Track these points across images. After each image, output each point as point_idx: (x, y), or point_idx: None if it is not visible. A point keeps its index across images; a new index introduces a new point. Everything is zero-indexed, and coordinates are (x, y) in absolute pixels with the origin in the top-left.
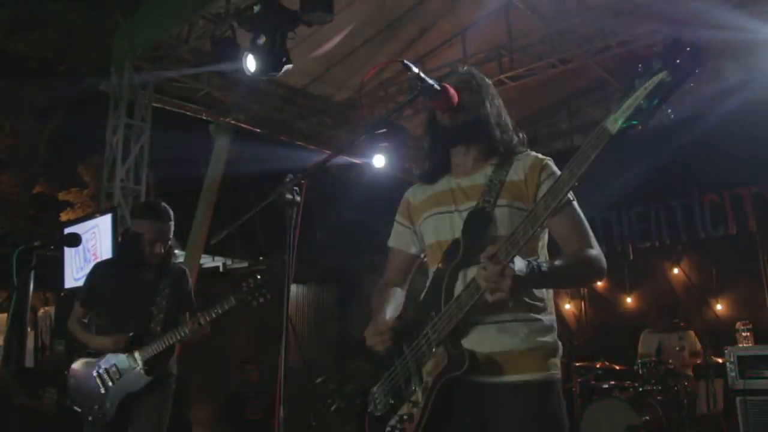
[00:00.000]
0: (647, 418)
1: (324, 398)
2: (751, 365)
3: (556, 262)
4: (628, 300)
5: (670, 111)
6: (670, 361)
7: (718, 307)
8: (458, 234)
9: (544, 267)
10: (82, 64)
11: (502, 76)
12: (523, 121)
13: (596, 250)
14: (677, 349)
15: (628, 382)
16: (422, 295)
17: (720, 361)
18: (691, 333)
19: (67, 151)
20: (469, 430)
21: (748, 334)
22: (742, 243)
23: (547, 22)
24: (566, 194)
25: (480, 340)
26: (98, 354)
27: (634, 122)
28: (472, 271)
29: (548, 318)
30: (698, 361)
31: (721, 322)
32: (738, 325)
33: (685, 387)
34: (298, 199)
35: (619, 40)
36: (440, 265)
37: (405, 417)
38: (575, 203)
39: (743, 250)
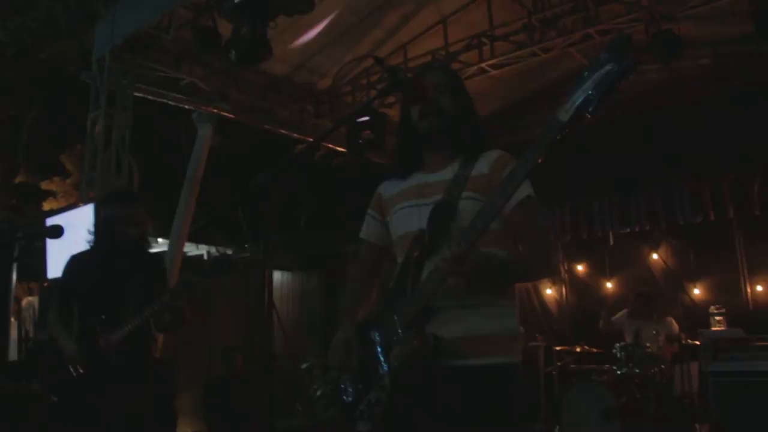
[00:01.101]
0: (624, 400)
1: (309, 384)
2: (723, 348)
3: (513, 256)
4: (608, 285)
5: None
6: (648, 344)
7: (695, 291)
8: (424, 225)
9: (502, 258)
10: (63, 53)
11: (483, 65)
12: (504, 109)
13: (552, 248)
14: (654, 333)
15: (607, 365)
16: (390, 283)
17: (697, 343)
18: (669, 319)
19: (48, 140)
20: (433, 413)
21: (721, 318)
22: (719, 229)
23: (528, 11)
24: (522, 182)
25: (443, 325)
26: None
27: (584, 111)
28: (436, 260)
29: (510, 304)
30: (676, 349)
31: (698, 307)
32: (711, 309)
33: (662, 369)
34: (278, 186)
35: (599, 29)
36: (407, 254)
37: (374, 401)
38: (534, 201)
39: (720, 237)
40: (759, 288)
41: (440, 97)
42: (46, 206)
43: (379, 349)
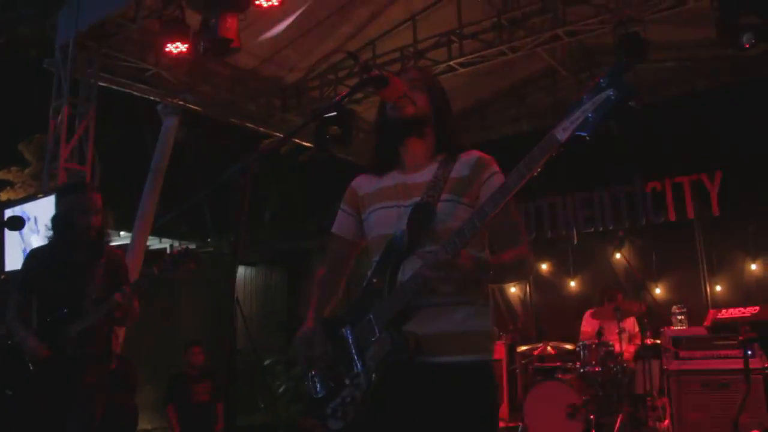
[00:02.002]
0: (587, 397)
1: (272, 380)
2: (684, 346)
3: (497, 259)
4: (572, 284)
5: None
6: (610, 343)
7: (657, 290)
8: (403, 227)
9: (487, 262)
10: (23, 39)
11: (451, 62)
12: (472, 107)
13: (529, 251)
14: (617, 332)
15: (570, 363)
16: (365, 283)
17: (659, 342)
18: (631, 318)
19: (6, 129)
20: (407, 410)
21: (683, 317)
22: (680, 229)
23: (497, 10)
24: (513, 193)
25: (419, 323)
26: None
27: (582, 132)
28: (415, 262)
29: (484, 302)
30: (637, 346)
31: (659, 306)
32: (673, 308)
33: (624, 368)
34: (245, 182)
35: (567, 29)
36: (384, 255)
37: (348, 400)
38: (514, 204)
39: (681, 237)
40: (718, 288)
41: (414, 92)
42: (3, 196)
43: (353, 348)
